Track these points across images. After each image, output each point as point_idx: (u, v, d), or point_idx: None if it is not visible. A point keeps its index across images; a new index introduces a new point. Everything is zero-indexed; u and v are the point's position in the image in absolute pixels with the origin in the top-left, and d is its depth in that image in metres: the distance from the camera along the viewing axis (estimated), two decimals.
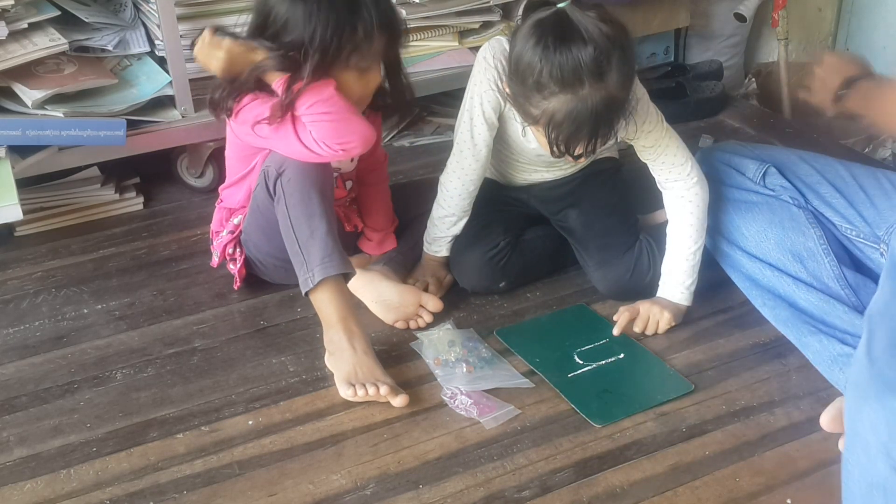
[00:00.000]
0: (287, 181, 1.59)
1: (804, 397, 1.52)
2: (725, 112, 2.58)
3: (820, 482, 1.37)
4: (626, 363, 1.62)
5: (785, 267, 1.59)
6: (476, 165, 1.71)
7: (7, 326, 1.76)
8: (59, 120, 1.92)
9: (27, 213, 1.97)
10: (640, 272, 1.74)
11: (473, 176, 1.72)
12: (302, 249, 1.58)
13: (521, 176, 1.82)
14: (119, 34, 2.11)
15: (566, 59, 1.42)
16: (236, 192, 1.77)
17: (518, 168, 1.80)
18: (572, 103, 1.44)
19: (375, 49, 1.59)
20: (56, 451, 1.45)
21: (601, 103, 1.44)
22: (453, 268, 1.81)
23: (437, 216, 1.77)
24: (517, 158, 1.77)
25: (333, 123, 1.56)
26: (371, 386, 1.49)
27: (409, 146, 2.40)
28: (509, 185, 1.85)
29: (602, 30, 1.42)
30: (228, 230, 1.79)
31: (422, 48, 2.31)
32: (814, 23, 2.77)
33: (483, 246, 1.77)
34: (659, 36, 2.66)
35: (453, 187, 1.74)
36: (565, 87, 1.43)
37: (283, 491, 1.37)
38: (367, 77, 1.63)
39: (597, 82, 1.43)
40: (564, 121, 1.45)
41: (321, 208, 1.58)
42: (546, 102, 1.46)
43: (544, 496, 1.35)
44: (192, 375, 1.62)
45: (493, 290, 1.79)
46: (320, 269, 1.55)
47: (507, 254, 1.78)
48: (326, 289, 1.56)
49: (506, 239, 1.78)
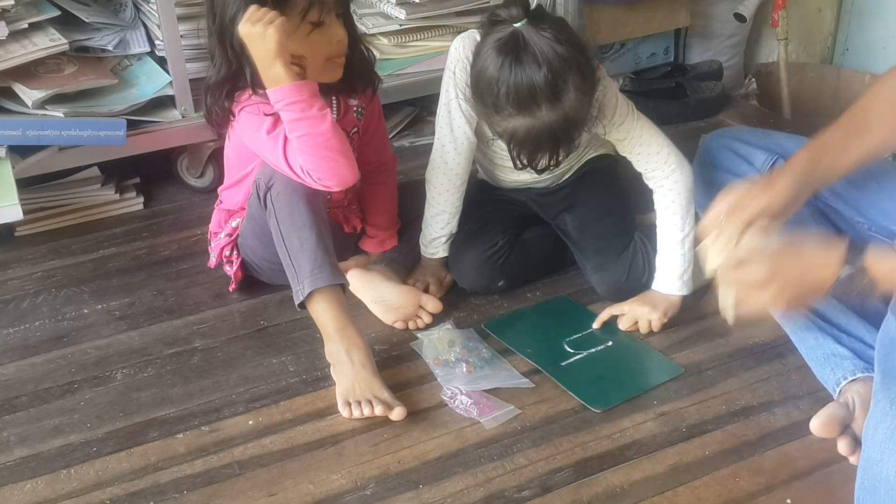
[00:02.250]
0: (276, 195, 1.59)
1: (804, 397, 1.52)
2: (725, 112, 2.58)
3: (820, 482, 1.37)
4: (614, 350, 1.65)
5: None
6: (459, 158, 1.71)
7: (7, 326, 1.76)
8: (59, 120, 1.92)
9: (27, 213, 1.96)
10: (637, 272, 1.74)
11: (458, 170, 1.72)
12: (292, 261, 1.58)
13: (510, 178, 1.81)
14: (119, 34, 2.11)
15: (521, 82, 1.43)
16: (235, 193, 1.77)
17: (505, 170, 1.79)
18: (529, 124, 1.46)
19: (329, 1, 1.57)
20: (56, 451, 1.45)
21: (558, 123, 1.46)
22: (452, 267, 1.81)
23: (429, 216, 1.77)
24: (503, 161, 1.76)
25: (320, 161, 1.54)
26: (367, 405, 1.49)
27: (409, 146, 2.40)
28: (501, 188, 1.86)
29: (557, 51, 1.43)
30: (226, 233, 1.79)
31: (422, 48, 2.31)
32: (814, 23, 2.76)
33: (482, 245, 1.77)
34: (659, 36, 2.66)
35: (440, 183, 1.73)
36: (521, 109, 1.45)
37: (284, 491, 1.37)
38: (329, 33, 1.59)
39: (553, 104, 1.44)
40: (524, 139, 1.48)
41: (310, 220, 1.58)
42: (505, 122, 1.48)
43: (544, 496, 1.35)
44: (192, 375, 1.62)
45: (492, 289, 1.79)
46: (309, 282, 1.56)
47: (505, 253, 1.78)
48: (320, 300, 1.57)
49: (504, 238, 1.78)
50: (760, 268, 1.28)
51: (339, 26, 1.61)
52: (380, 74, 1.81)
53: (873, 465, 1.17)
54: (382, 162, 1.88)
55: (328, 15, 1.58)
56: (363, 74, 1.74)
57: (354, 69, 1.70)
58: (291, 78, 1.51)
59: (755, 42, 2.88)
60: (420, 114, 2.50)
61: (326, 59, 1.62)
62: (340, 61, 1.65)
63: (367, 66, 1.75)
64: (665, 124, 2.47)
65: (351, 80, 1.71)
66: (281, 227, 1.59)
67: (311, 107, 1.52)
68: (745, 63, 2.88)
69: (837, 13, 2.71)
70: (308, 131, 1.52)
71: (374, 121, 1.83)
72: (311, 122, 1.52)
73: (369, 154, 1.86)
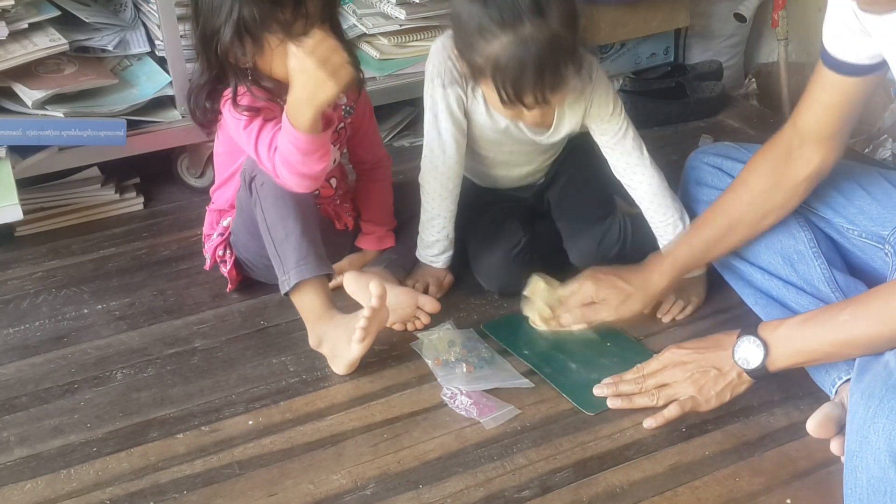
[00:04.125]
0: (261, 184, 1.59)
1: (804, 397, 1.52)
2: (725, 112, 2.59)
3: (820, 482, 1.37)
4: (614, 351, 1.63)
5: (775, 270, 1.59)
6: (450, 162, 1.70)
7: (7, 326, 1.76)
8: (59, 120, 1.93)
9: (27, 213, 1.97)
10: (608, 244, 1.76)
11: (450, 174, 1.71)
12: (278, 252, 1.59)
13: (508, 175, 1.83)
14: (119, 34, 2.12)
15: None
16: (226, 190, 1.77)
17: (500, 166, 1.80)
18: (514, 45, 1.45)
19: (311, 10, 1.54)
20: (56, 451, 1.45)
21: (544, 42, 1.45)
22: (476, 271, 1.80)
23: (425, 220, 1.77)
24: (495, 156, 1.77)
25: (291, 177, 1.53)
26: (362, 317, 1.50)
27: (409, 146, 2.40)
28: (503, 189, 1.87)
29: None
30: (218, 233, 1.80)
31: (422, 48, 2.31)
32: (814, 23, 2.75)
33: (505, 244, 1.76)
34: (659, 36, 2.65)
35: (432, 188, 1.73)
36: (506, 26, 1.45)
37: (284, 491, 1.37)
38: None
39: (537, 19, 1.44)
40: (508, 63, 1.46)
41: (296, 210, 1.58)
42: (489, 47, 1.47)
43: (544, 496, 1.35)
44: (192, 375, 1.62)
45: (520, 288, 1.73)
46: (295, 273, 1.57)
47: (529, 248, 1.78)
48: (305, 290, 1.59)
49: (525, 236, 1.78)
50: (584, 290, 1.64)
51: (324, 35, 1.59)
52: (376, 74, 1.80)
53: (853, 456, 1.19)
54: (376, 160, 1.88)
55: (312, 26, 1.55)
56: None
57: None
58: (316, 130, 1.48)
59: (755, 42, 2.88)
60: (420, 114, 2.49)
61: None
62: None
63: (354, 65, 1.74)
64: (665, 124, 2.52)
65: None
66: (266, 218, 1.59)
67: (315, 152, 1.50)
68: (745, 63, 2.88)
69: None
70: (299, 168, 1.52)
71: (365, 119, 1.83)
72: (306, 164, 1.51)
73: (362, 153, 1.86)
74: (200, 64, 1.64)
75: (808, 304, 1.53)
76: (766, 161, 1.55)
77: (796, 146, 1.51)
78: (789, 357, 1.38)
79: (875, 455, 1.15)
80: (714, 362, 1.45)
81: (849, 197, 1.58)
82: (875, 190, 1.57)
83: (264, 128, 1.56)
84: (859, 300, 1.36)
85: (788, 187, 1.54)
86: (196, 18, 1.59)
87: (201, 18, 1.57)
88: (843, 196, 1.59)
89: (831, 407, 1.42)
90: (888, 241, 1.53)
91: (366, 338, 1.52)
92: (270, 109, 1.60)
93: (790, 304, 1.56)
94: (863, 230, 1.57)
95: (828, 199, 1.60)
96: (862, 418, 1.18)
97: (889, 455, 1.13)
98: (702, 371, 1.45)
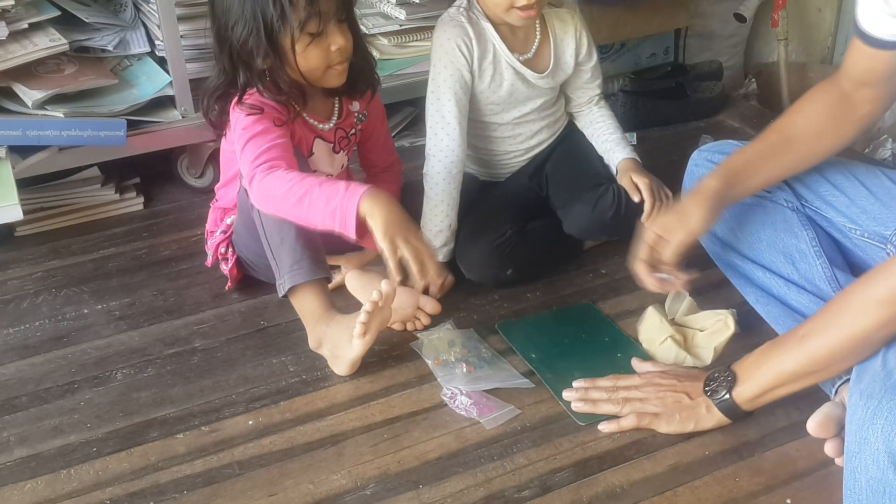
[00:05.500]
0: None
1: (804, 397, 1.51)
2: (725, 112, 2.59)
3: (820, 482, 1.37)
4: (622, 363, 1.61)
5: (777, 268, 1.59)
6: (453, 145, 1.74)
7: (7, 326, 1.76)
8: (59, 120, 1.93)
9: (27, 213, 1.97)
10: (602, 208, 1.78)
11: (453, 157, 1.75)
12: (274, 255, 1.60)
13: (515, 148, 1.89)
14: (119, 34, 2.12)
15: None
16: (231, 189, 1.78)
17: (506, 140, 1.87)
18: None
19: (324, 9, 1.54)
20: (56, 451, 1.45)
21: None
22: (459, 260, 1.81)
23: (428, 209, 1.78)
24: (503, 121, 1.83)
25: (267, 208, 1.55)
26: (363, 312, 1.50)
27: (410, 146, 2.40)
28: (505, 175, 1.93)
29: None
30: (221, 230, 1.80)
31: (422, 48, 2.32)
32: (814, 23, 2.77)
33: (490, 235, 1.77)
34: (659, 36, 2.66)
35: (436, 172, 1.76)
36: None
37: (284, 491, 1.37)
38: (327, 42, 1.57)
39: None
40: None
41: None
42: None
43: (544, 496, 1.35)
44: (192, 375, 1.62)
45: (501, 278, 1.79)
46: (290, 277, 1.58)
47: (513, 242, 1.78)
48: (301, 294, 1.59)
49: (512, 228, 1.79)
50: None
51: (339, 33, 1.59)
52: (379, 75, 1.81)
53: (852, 457, 1.19)
54: (387, 164, 1.90)
55: (327, 24, 1.56)
56: (364, 76, 1.74)
57: (357, 72, 1.70)
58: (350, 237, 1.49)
59: (755, 42, 2.89)
60: (420, 114, 2.50)
61: (327, 67, 1.61)
62: (341, 68, 1.63)
63: (369, 68, 1.75)
64: (665, 124, 2.52)
65: (353, 83, 1.71)
66: (263, 221, 1.60)
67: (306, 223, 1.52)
68: (745, 63, 2.89)
69: (837, 13, 2.72)
70: (277, 209, 1.52)
71: (377, 124, 1.84)
72: (288, 214, 1.52)
73: (374, 157, 1.87)
74: (217, 65, 1.64)
75: (809, 302, 1.53)
76: (821, 95, 1.52)
77: (850, 89, 1.49)
78: (757, 384, 1.38)
79: (874, 456, 1.15)
80: (688, 389, 1.46)
81: (851, 196, 1.58)
82: (878, 189, 1.57)
83: (260, 135, 1.56)
84: (817, 313, 1.34)
85: (846, 118, 1.51)
86: (212, 19, 1.60)
87: (216, 19, 1.58)
88: (846, 195, 1.58)
89: (832, 407, 1.42)
90: (890, 241, 1.53)
91: (366, 333, 1.52)
92: (276, 110, 1.60)
93: (791, 303, 1.56)
94: (865, 230, 1.56)
95: (830, 197, 1.60)
96: (861, 419, 1.18)
97: (888, 456, 1.13)
98: (673, 394, 1.46)
